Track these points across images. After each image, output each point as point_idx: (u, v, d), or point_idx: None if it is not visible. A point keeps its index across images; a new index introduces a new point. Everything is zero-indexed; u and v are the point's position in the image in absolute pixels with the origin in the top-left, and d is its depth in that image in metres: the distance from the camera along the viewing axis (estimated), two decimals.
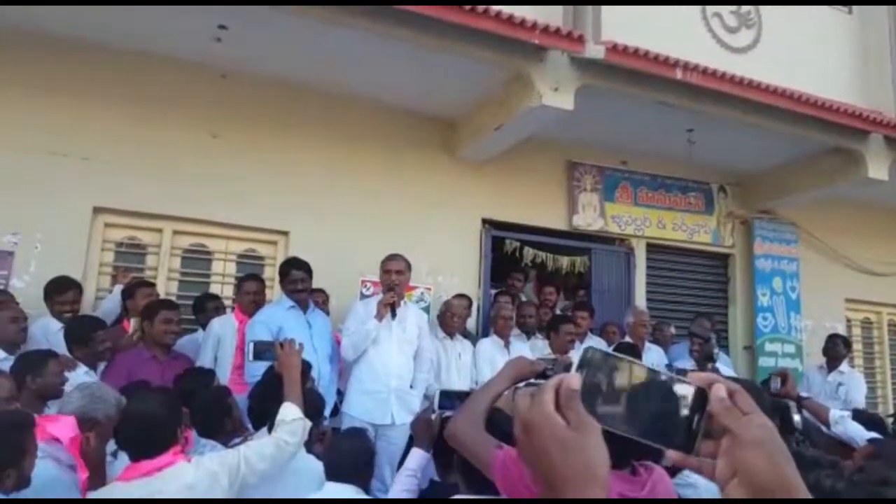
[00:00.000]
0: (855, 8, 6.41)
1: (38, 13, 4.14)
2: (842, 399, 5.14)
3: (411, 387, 4.11)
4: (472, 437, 1.68)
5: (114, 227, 4.62)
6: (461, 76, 4.69)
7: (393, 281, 4.06)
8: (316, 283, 4.32)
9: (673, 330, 5.70)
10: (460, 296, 5.04)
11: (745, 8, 5.75)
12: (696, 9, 5.53)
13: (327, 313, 4.46)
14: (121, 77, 4.58)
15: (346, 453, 2.55)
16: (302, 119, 5.09)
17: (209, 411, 2.59)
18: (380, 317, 3.98)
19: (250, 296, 4.23)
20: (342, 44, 4.31)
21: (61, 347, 3.41)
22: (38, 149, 4.33)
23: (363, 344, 3.96)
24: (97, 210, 4.50)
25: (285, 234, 5.02)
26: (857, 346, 7.26)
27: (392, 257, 4.15)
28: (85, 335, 3.42)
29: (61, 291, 3.85)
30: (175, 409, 2.16)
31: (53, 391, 2.71)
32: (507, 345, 4.75)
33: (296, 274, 4.06)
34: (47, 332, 3.67)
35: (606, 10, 4.77)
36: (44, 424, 2.08)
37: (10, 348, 3.36)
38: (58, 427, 2.14)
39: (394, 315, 4.06)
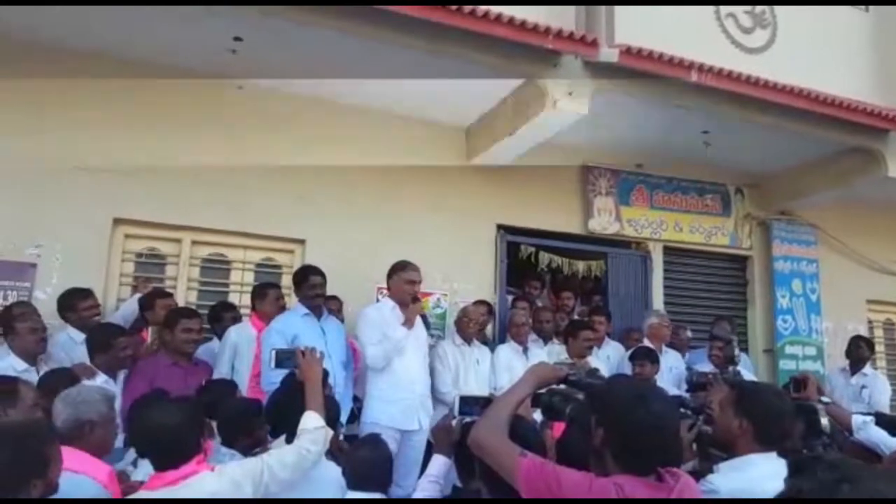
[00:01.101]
0: (871, 5, 6.34)
1: (59, 28, 4.21)
2: (865, 401, 5.06)
3: None
4: (496, 444, 1.68)
5: (133, 237, 4.68)
6: (475, 83, 4.69)
7: (416, 290, 4.09)
8: (332, 291, 4.34)
9: (689, 334, 5.65)
10: (479, 302, 5.03)
11: (759, 8, 5.70)
12: (709, 10, 5.50)
13: (342, 320, 4.48)
14: (138, 89, 4.63)
15: (364, 461, 2.55)
16: (317, 128, 5.12)
17: (238, 422, 2.61)
18: (410, 325, 4.00)
19: (280, 301, 4.27)
20: (357, 53, 4.33)
21: (85, 359, 3.45)
22: (59, 161, 4.39)
23: (394, 352, 3.96)
24: (117, 221, 4.56)
25: (302, 242, 5.05)
26: (880, 348, 7.13)
27: (412, 266, 4.12)
28: (106, 341, 3.46)
29: (85, 297, 3.89)
30: (197, 418, 2.17)
31: None
32: (524, 350, 4.74)
33: (314, 279, 4.08)
34: (72, 343, 3.71)
35: (619, 14, 4.75)
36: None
37: (29, 359, 3.40)
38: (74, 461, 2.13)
39: (427, 325, 4.15)
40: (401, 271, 4.09)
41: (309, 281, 4.07)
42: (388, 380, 3.94)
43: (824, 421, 2.68)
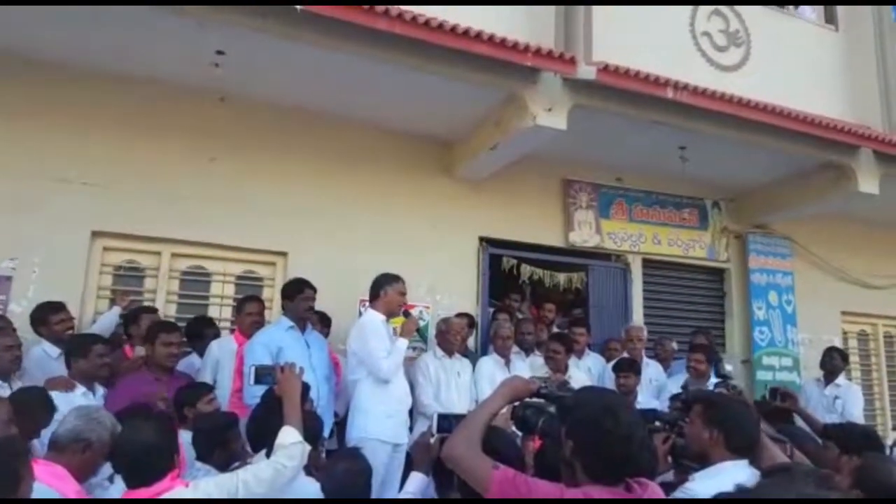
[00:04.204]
0: (841, 25, 6.54)
1: (37, 38, 4.20)
2: (839, 412, 5.14)
3: None
4: (469, 458, 1.70)
5: (112, 250, 4.65)
6: (457, 98, 4.76)
7: (405, 302, 4.14)
8: (315, 304, 4.33)
9: (675, 345, 5.71)
10: (461, 315, 5.05)
11: (733, 27, 5.86)
12: (685, 28, 5.63)
13: (326, 335, 4.48)
14: (119, 101, 4.63)
15: (343, 475, 2.55)
16: (300, 142, 5.14)
17: (212, 436, 2.60)
18: (409, 336, 4.03)
19: (253, 316, 4.23)
20: (339, 68, 4.37)
21: (59, 374, 3.42)
22: (37, 174, 4.37)
23: (400, 363, 3.99)
24: (95, 234, 4.53)
25: (284, 255, 5.05)
26: (854, 359, 7.28)
27: (401, 278, 4.14)
28: (85, 346, 3.43)
29: (57, 311, 3.86)
30: (170, 435, 2.17)
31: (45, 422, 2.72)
32: (507, 363, 4.77)
33: (309, 292, 4.11)
34: (46, 358, 3.67)
35: (597, 32, 4.85)
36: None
37: (3, 375, 3.35)
38: (45, 473, 2.12)
39: (424, 338, 4.19)
40: (394, 283, 4.09)
41: (304, 293, 4.08)
42: (385, 394, 3.91)
43: (728, 367, 3.45)
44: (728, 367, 3.57)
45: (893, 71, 6.18)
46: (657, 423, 2.53)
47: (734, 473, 2.01)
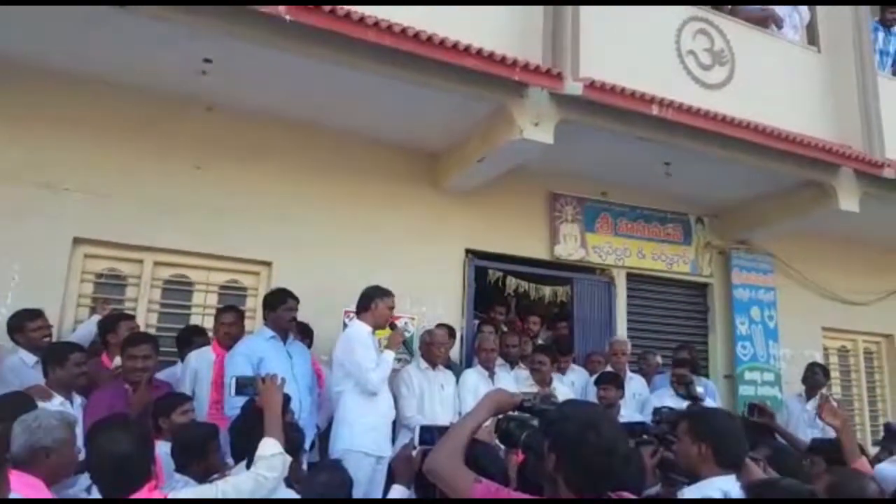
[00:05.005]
0: (823, 46, 6.66)
1: (20, 43, 4.16)
2: (820, 427, 5.17)
3: None
4: (451, 471, 1.69)
5: (94, 258, 4.59)
6: (444, 110, 4.78)
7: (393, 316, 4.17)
8: (299, 314, 4.30)
9: (659, 359, 5.75)
10: (442, 325, 5.05)
11: (718, 46, 5.95)
12: (671, 46, 5.71)
13: (308, 346, 4.45)
14: (103, 108, 4.59)
15: (323, 486, 2.53)
16: (286, 151, 5.13)
17: (190, 447, 2.57)
18: (396, 348, 4.05)
19: (225, 327, 4.16)
20: (327, 79, 4.38)
21: (35, 382, 3.36)
22: (18, 179, 4.31)
23: (388, 375, 3.98)
24: (77, 241, 4.47)
25: (268, 264, 5.02)
26: (835, 374, 7.34)
27: (391, 292, 4.16)
28: (62, 355, 3.37)
29: (34, 318, 3.80)
30: (146, 445, 2.14)
31: None
32: (491, 375, 4.76)
33: (291, 302, 4.09)
34: (23, 366, 3.61)
35: (584, 48, 4.91)
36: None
37: None
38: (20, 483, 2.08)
39: (411, 352, 4.43)
40: (385, 297, 4.12)
41: (287, 304, 4.06)
42: (369, 406, 3.91)
43: (700, 389, 3.64)
44: (699, 389, 3.71)
45: (873, 91, 6.30)
46: (645, 437, 2.54)
47: (723, 488, 2.02)
